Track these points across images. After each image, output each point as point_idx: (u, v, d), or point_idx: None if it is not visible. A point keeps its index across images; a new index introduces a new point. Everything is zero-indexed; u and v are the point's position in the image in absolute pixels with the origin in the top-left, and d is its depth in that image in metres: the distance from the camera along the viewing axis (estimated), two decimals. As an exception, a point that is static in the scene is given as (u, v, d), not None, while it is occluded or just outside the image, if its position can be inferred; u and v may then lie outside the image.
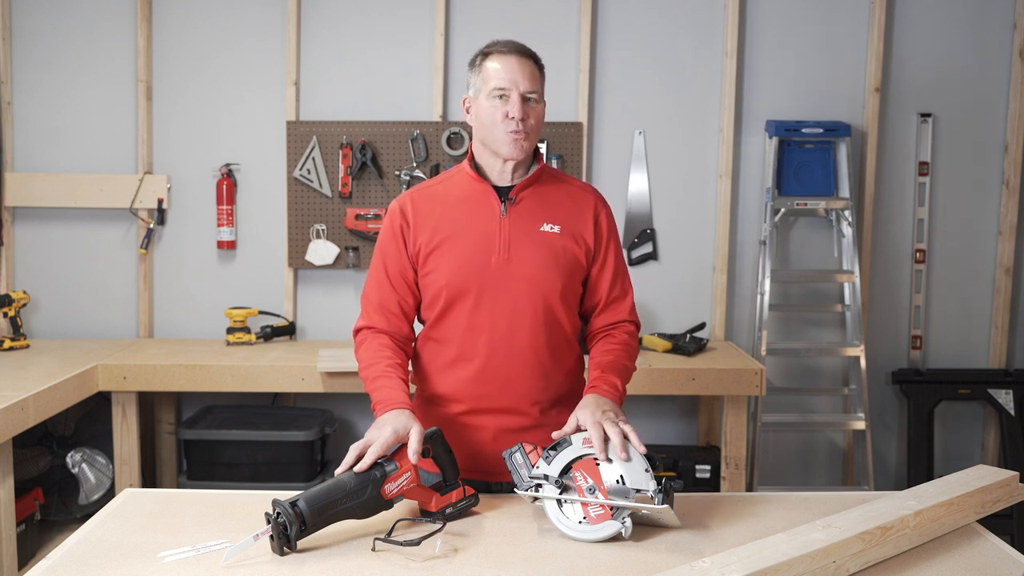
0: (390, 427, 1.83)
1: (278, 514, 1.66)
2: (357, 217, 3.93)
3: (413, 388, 2.11)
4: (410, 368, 2.12)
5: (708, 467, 3.77)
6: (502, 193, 2.06)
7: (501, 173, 2.06)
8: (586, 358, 2.18)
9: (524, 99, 1.99)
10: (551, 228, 2.05)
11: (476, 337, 2.04)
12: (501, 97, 1.99)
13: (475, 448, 2.07)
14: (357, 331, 2.11)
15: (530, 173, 2.08)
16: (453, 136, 3.92)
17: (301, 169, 3.93)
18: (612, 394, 1.97)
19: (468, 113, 2.09)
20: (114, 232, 4.01)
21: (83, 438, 3.74)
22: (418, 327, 2.16)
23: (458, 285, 2.02)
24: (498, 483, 2.08)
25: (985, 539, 1.78)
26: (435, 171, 3.90)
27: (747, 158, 4.02)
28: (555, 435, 1.87)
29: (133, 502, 1.95)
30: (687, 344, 3.69)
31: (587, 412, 1.87)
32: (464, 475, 1.97)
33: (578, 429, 1.87)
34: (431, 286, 2.06)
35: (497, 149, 2.02)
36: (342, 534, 1.75)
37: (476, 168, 2.08)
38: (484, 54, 2.04)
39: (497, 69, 1.99)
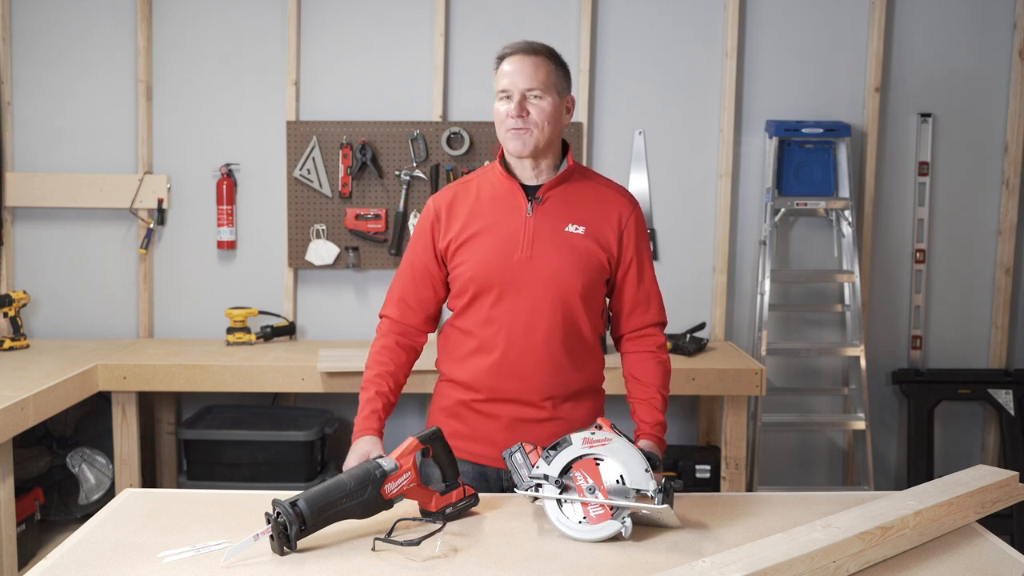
0: (355, 456, 1.98)
1: (278, 514, 1.66)
2: (357, 217, 3.93)
3: (416, 383, 2.13)
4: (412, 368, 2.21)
5: (708, 467, 3.77)
6: (530, 192, 2.12)
7: (528, 171, 2.12)
8: (609, 358, 2.22)
9: (525, 96, 2.05)
10: (575, 229, 2.10)
11: (495, 331, 2.10)
12: (507, 98, 2.07)
13: (489, 435, 2.13)
14: (379, 317, 2.24)
15: (559, 172, 2.13)
16: (453, 136, 3.92)
17: (301, 169, 3.93)
18: (660, 441, 2.09)
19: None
20: (114, 232, 4.01)
21: (83, 438, 3.74)
22: (446, 314, 2.25)
23: (482, 280, 2.09)
24: (508, 471, 2.12)
25: (985, 539, 1.78)
26: (435, 171, 3.90)
27: (747, 158, 4.02)
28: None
29: (133, 502, 1.96)
30: (687, 344, 3.69)
31: None
32: (477, 460, 2.04)
33: (582, 429, 1.87)
34: (459, 279, 2.13)
35: (505, 147, 2.10)
36: (342, 534, 1.75)
37: (505, 166, 2.15)
38: (499, 58, 2.11)
39: (505, 71, 2.08)
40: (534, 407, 2.12)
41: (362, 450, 2.00)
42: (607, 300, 2.21)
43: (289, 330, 3.94)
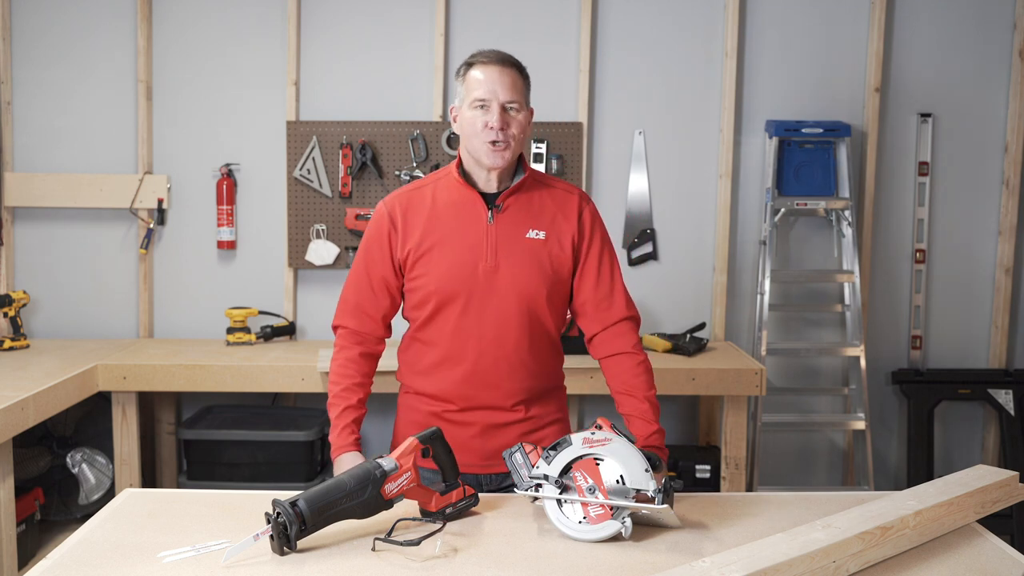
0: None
1: (278, 514, 1.66)
2: (357, 217, 3.93)
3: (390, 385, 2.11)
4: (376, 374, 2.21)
5: (708, 467, 3.77)
6: (489, 200, 2.10)
7: (487, 181, 2.10)
8: (576, 359, 2.21)
9: (504, 109, 2.03)
10: (536, 235, 2.09)
11: (464, 342, 2.09)
12: (482, 107, 2.03)
13: (464, 442, 2.11)
14: (334, 328, 2.22)
15: (516, 181, 2.12)
16: (453, 136, 3.92)
17: (301, 169, 3.93)
18: (659, 450, 2.05)
19: (455, 122, 2.12)
20: (114, 232, 4.01)
21: (83, 438, 3.74)
22: (402, 324, 2.21)
23: (447, 291, 2.07)
24: (487, 475, 2.15)
25: (985, 539, 1.78)
26: (435, 171, 3.89)
27: (747, 158, 4.02)
28: None
29: (133, 502, 1.96)
30: (687, 344, 3.69)
31: None
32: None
33: (584, 429, 1.87)
34: (419, 290, 2.10)
35: (479, 159, 2.06)
36: (342, 534, 1.75)
37: (464, 174, 2.12)
38: (468, 64, 2.08)
39: (479, 79, 2.04)
40: (506, 411, 2.13)
41: (348, 466, 1.98)
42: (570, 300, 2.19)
43: (289, 330, 3.94)
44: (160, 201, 3.95)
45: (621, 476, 1.76)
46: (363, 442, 2.13)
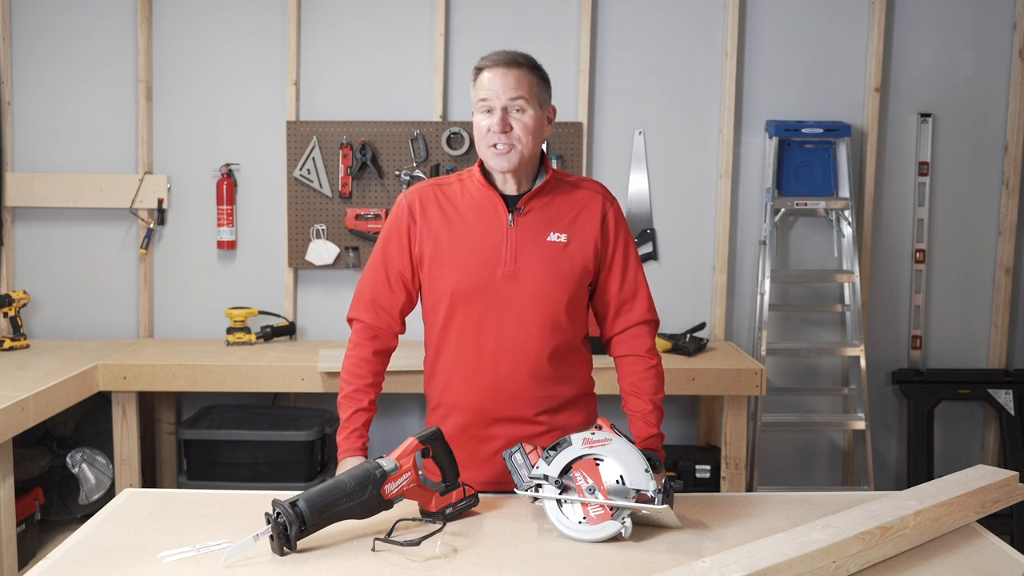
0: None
1: (278, 514, 1.66)
2: (357, 217, 3.93)
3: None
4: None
5: (708, 467, 3.77)
6: (510, 202, 2.06)
7: (505, 183, 2.07)
8: (600, 358, 2.20)
9: (507, 111, 1.98)
10: (558, 238, 2.05)
11: (482, 349, 2.05)
12: (487, 111, 2.00)
13: (488, 458, 2.08)
14: (348, 320, 2.17)
15: (538, 183, 2.08)
16: (453, 136, 3.92)
17: (301, 169, 3.93)
18: (660, 451, 2.06)
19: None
20: (114, 232, 4.01)
21: (83, 438, 3.74)
22: (418, 327, 2.17)
23: (463, 295, 2.04)
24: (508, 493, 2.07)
25: (985, 539, 1.78)
26: (435, 171, 3.90)
27: (747, 158, 4.02)
28: None
29: (133, 502, 1.96)
30: (687, 344, 3.69)
31: None
32: (482, 487, 1.98)
33: (582, 430, 1.87)
34: (435, 292, 2.07)
35: (487, 162, 2.04)
36: (342, 534, 1.75)
37: (485, 175, 2.09)
38: (477, 68, 2.05)
39: (483, 82, 2.01)
40: (529, 423, 2.08)
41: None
42: (590, 301, 2.16)
43: (289, 330, 3.94)
44: (160, 201, 3.95)
45: (621, 476, 1.76)
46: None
